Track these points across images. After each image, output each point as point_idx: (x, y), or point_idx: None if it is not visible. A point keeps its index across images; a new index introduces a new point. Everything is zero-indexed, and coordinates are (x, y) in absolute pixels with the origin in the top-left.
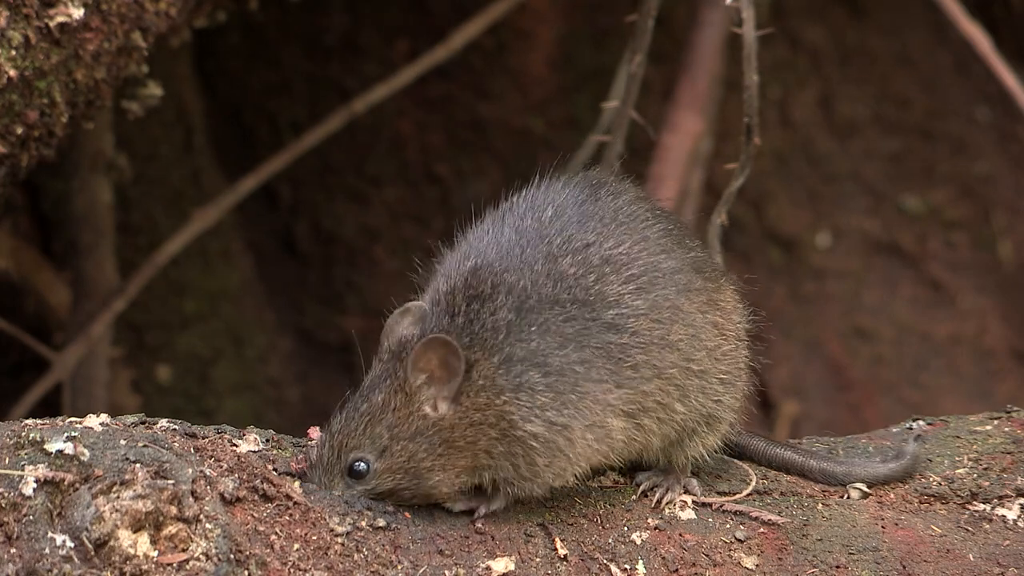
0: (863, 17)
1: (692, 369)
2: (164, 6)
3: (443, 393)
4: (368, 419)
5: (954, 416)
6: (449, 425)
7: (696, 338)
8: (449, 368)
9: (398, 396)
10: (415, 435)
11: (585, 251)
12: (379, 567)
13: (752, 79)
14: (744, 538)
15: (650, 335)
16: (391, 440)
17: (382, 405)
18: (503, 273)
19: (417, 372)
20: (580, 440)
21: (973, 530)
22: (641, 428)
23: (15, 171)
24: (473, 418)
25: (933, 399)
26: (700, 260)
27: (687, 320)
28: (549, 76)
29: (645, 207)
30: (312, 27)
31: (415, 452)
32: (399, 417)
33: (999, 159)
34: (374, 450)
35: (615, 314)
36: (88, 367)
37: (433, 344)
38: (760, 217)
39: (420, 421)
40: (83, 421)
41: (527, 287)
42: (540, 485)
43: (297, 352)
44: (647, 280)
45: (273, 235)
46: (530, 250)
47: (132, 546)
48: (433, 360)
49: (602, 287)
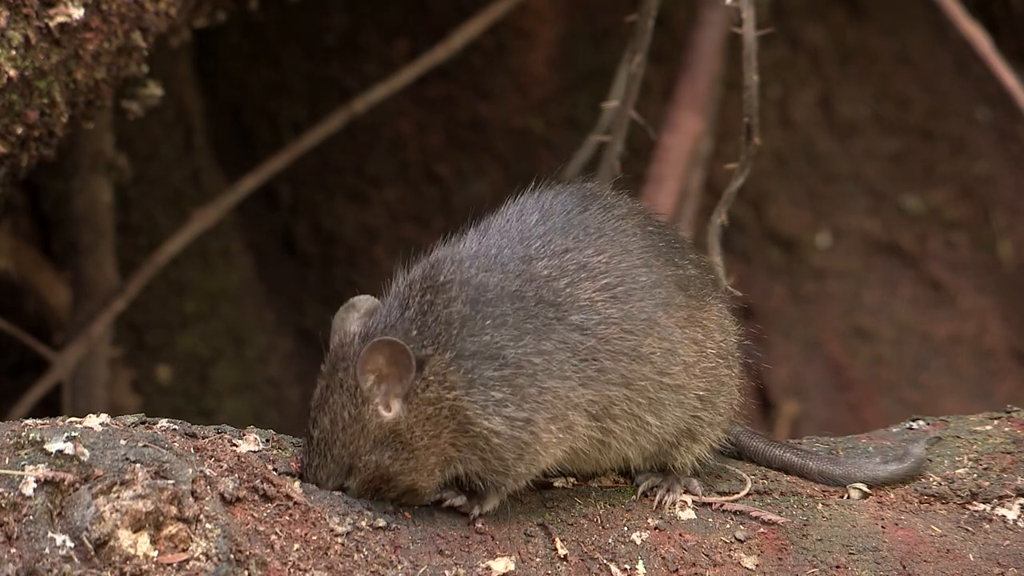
0: (863, 17)
1: (666, 383)
2: (164, 6)
3: (396, 390)
4: (324, 446)
5: (954, 416)
6: (406, 426)
7: (672, 353)
8: (399, 365)
9: (346, 410)
10: (375, 445)
11: (562, 256)
12: (379, 567)
13: (752, 79)
14: (744, 538)
15: (621, 344)
16: (352, 458)
17: (331, 427)
18: (463, 265)
19: (366, 375)
20: (544, 432)
21: (973, 530)
22: (610, 433)
23: (15, 171)
24: (427, 412)
25: (933, 399)
26: (686, 277)
27: (663, 334)
28: (549, 76)
29: (634, 222)
30: (312, 27)
31: (380, 461)
32: (352, 433)
33: (999, 159)
34: (341, 473)
35: (582, 317)
36: (88, 367)
37: (379, 346)
38: (760, 217)
39: (376, 430)
40: (83, 421)
41: (487, 282)
42: (515, 477)
43: (297, 352)
44: (623, 290)
45: (273, 235)
46: (507, 251)
47: (132, 546)
48: (380, 360)
49: (573, 290)
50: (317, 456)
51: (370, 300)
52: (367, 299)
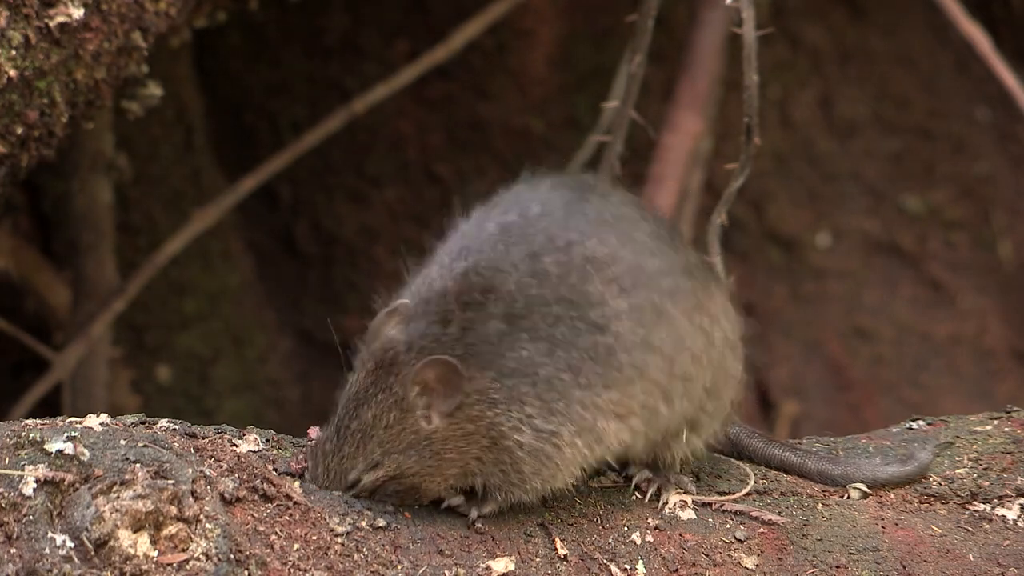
0: (863, 17)
1: (675, 373)
2: (164, 6)
3: (441, 407)
4: (360, 437)
5: (954, 416)
6: (441, 438)
7: (680, 341)
8: (449, 384)
9: (391, 413)
10: (406, 448)
11: (567, 250)
12: (379, 567)
13: (752, 79)
14: (744, 538)
15: (633, 336)
16: (383, 455)
17: (373, 421)
18: (493, 276)
19: (414, 386)
20: (569, 446)
21: (973, 530)
22: (631, 430)
23: (15, 171)
24: (466, 429)
25: (933, 399)
26: (690, 264)
27: (671, 322)
28: (549, 76)
29: (634, 209)
30: (312, 27)
31: (403, 463)
32: (392, 434)
33: (999, 159)
34: (367, 466)
35: (598, 314)
36: (88, 367)
37: (433, 364)
38: (760, 217)
39: (413, 436)
40: (83, 421)
41: (513, 290)
42: (528, 491)
43: (297, 352)
44: (630, 281)
45: (273, 235)
46: (514, 248)
47: (132, 546)
48: (431, 376)
49: (585, 286)
50: (349, 445)
51: (408, 306)
52: (406, 304)
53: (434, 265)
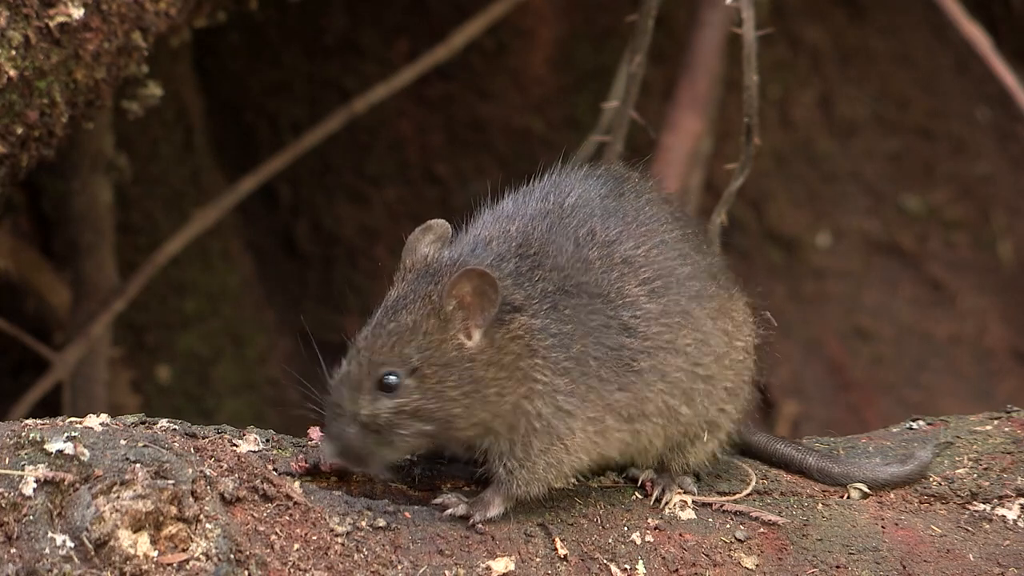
0: (863, 17)
1: (699, 374)
2: (164, 6)
3: (476, 321)
4: (396, 338)
5: (954, 416)
6: (483, 362)
7: (705, 343)
8: (484, 297)
9: (431, 320)
10: (448, 364)
11: (608, 248)
12: (379, 567)
13: (752, 79)
14: (744, 538)
15: (659, 339)
16: (422, 362)
17: (412, 326)
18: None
19: (450, 298)
20: (580, 431)
21: (973, 530)
22: (637, 434)
23: (15, 171)
24: (503, 361)
25: (933, 399)
26: (716, 267)
27: (696, 325)
28: (549, 76)
29: (667, 209)
30: (312, 27)
31: (445, 378)
32: (432, 341)
33: (999, 159)
34: (404, 368)
35: (630, 315)
36: (88, 367)
37: (470, 275)
38: (760, 217)
39: (455, 351)
40: (83, 421)
41: (565, 266)
42: (529, 471)
43: (297, 352)
44: (661, 284)
45: (273, 235)
46: (558, 232)
47: (132, 546)
48: (466, 288)
49: (622, 286)
50: (382, 339)
51: (444, 225)
52: (442, 223)
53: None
